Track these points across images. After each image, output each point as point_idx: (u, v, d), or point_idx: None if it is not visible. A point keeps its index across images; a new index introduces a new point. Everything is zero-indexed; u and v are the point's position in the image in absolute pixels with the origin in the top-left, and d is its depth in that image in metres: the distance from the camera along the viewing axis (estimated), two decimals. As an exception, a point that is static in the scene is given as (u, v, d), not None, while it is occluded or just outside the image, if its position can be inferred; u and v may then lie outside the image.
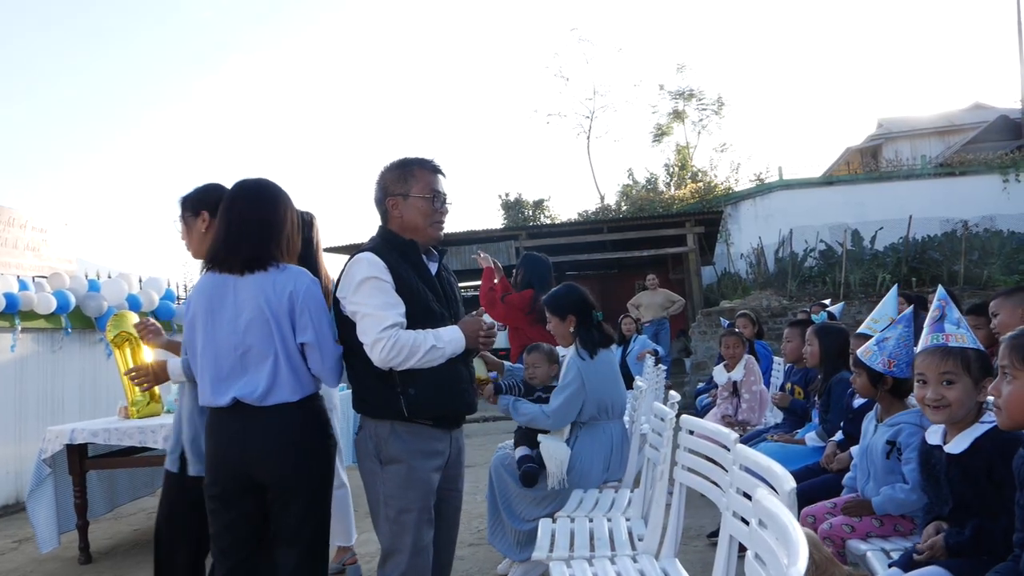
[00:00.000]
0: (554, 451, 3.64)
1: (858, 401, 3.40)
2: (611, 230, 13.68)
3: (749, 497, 1.81)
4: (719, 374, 5.74)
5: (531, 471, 3.69)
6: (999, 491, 1.93)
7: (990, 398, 2.15)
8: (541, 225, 18.13)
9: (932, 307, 2.35)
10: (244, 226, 2.38)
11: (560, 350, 4.11)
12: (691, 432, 2.54)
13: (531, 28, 49.97)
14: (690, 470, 2.49)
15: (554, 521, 3.18)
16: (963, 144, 21.90)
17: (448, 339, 2.40)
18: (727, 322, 8.02)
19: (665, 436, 2.73)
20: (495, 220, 22.49)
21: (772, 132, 45.48)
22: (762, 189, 16.60)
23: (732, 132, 48.15)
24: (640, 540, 2.85)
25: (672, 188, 21.19)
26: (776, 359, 6.52)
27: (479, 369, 3.72)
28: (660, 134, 23.92)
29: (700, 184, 20.00)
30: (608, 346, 3.84)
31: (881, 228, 12.05)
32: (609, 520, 3.13)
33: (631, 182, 21.84)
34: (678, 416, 2.85)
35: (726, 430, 2.20)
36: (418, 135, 50.59)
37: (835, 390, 3.75)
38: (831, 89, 51.11)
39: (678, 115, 23.86)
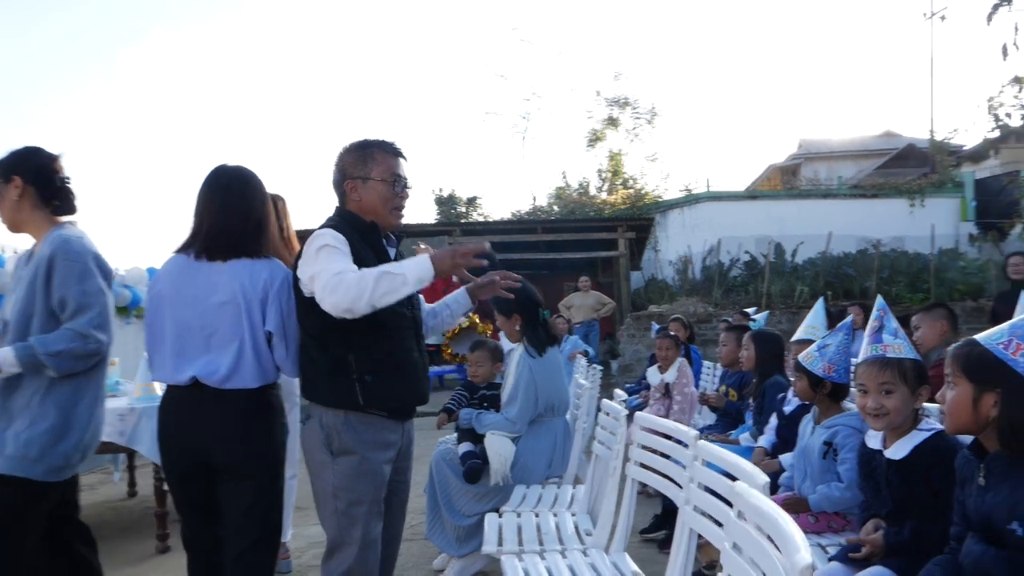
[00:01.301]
0: (499, 448, 3.65)
1: (789, 407, 3.56)
2: (545, 231, 13.81)
3: (713, 492, 1.88)
4: (652, 375, 5.88)
5: (475, 467, 3.69)
6: (936, 496, 2.05)
7: (926, 405, 2.29)
8: (476, 222, 18.11)
9: (872, 318, 2.47)
10: (231, 218, 2.39)
11: (506, 345, 4.13)
12: (645, 429, 2.60)
13: (472, 24, 49.89)
14: (643, 466, 2.55)
15: (500, 516, 3.19)
16: (875, 168, 23.09)
17: (409, 264, 2.17)
18: (657, 327, 8.23)
19: (618, 434, 2.78)
20: (427, 214, 22.34)
21: (701, 145, 46.77)
22: (690, 199, 17.07)
23: (663, 142, 49.29)
24: (588, 535, 2.90)
25: (604, 193, 21.53)
26: (706, 363, 6.72)
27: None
28: (594, 139, 24.23)
29: (631, 191, 20.39)
30: (554, 344, 3.88)
31: (802, 243, 12.60)
32: (555, 515, 3.17)
33: (565, 185, 22.08)
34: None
35: (684, 428, 2.25)
36: (350, 123, 49.71)
37: (769, 393, 3.90)
38: (757, 108, 52.98)
39: (612, 122, 24.24)
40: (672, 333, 6.06)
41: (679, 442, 2.26)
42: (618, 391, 3.67)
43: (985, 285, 10.79)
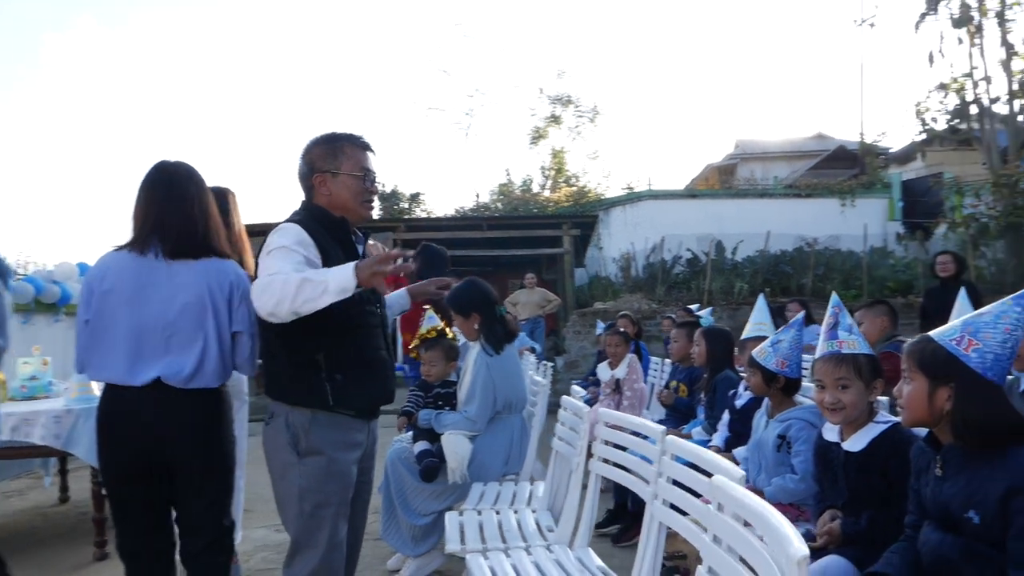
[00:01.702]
0: (456, 446, 3.63)
1: (740, 401, 3.64)
2: (491, 227, 13.79)
3: (682, 486, 1.91)
4: (603, 371, 5.95)
5: (432, 466, 3.66)
6: (892, 486, 2.13)
7: (881, 398, 2.38)
8: (421, 218, 17.98)
9: (827, 315, 2.55)
10: (191, 217, 2.39)
11: (460, 336, 4.10)
12: (610, 425, 2.62)
13: (415, 19, 49.44)
14: (606, 461, 2.57)
15: (460, 514, 3.17)
16: (807, 169, 23.87)
17: (333, 273, 2.07)
18: (603, 325, 8.33)
19: (581, 430, 2.79)
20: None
21: (641, 144, 47.63)
22: (632, 197, 17.31)
23: (605, 141, 49.87)
24: (550, 531, 2.91)
25: (547, 191, 21.66)
26: (653, 358, 6.83)
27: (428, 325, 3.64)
28: (537, 137, 24.37)
29: (574, 189, 20.57)
30: (511, 341, 3.88)
31: (742, 241, 12.92)
32: (516, 512, 3.17)
33: (508, 182, 22.13)
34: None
35: (651, 424, 2.28)
36: (290, 117, 48.69)
37: (720, 388, 3.99)
38: (696, 109, 54.27)
39: (555, 120, 24.43)
40: (622, 330, 6.15)
41: (645, 437, 2.28)
42: (576, 388, 3.69)
43: (914, 282, 11.28)
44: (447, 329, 3.99)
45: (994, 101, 11.15)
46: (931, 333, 1.88)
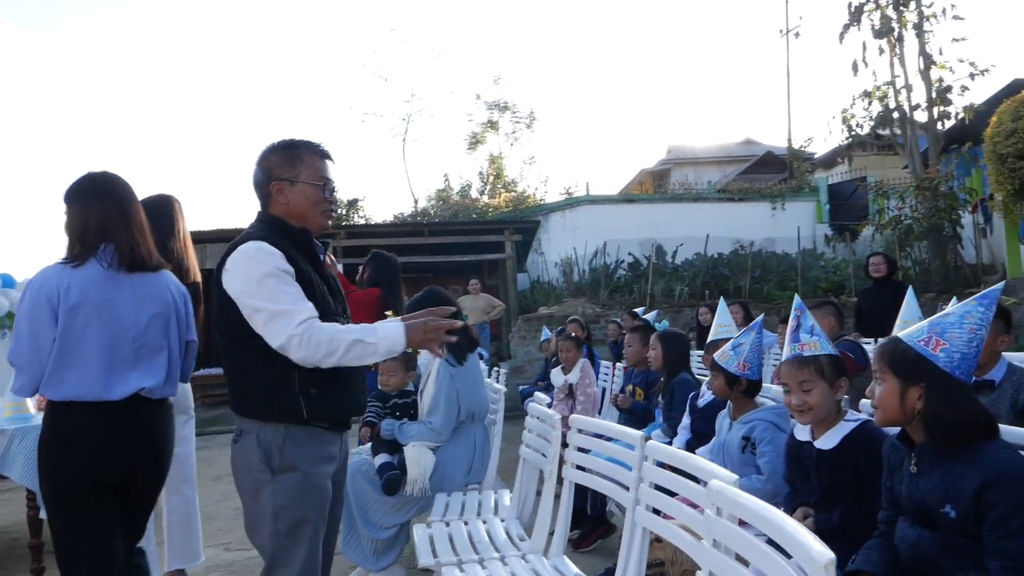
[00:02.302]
0: (420, 458, 3.58)
1: (702, 401, 3.71)
2: (432, 233, 13.71)
3: (664, 491, 1.92)
4: (556, 376, 5.97)
5: (394, 479, 3.60)
6: (863, 482, 2.20)
7: (847, 397, 2.45)
8: (361, 225, 17.71)
9: (791, 318, 2.62)
10: (141, 229, 2.43)
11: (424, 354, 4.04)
12: (584, 432, 2.62)
13: (351, 23, 48.81)
14: (581, 468, 2.58)
15: (428, 526, 3.13)
16: (737, 174, 24.59)
17: (383, 334, 2.13)
18: (547, 332, 8.39)
19: (553, 438, 2.78)
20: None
21: (578, 150, 48.25)
22: (571, 203, 17.49)
23: (542, 146, 50.32)
24: (522, 540, 2.90)
25: (486, 196, 21.67)
26: (603, 362, 6.89)
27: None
28: (475, 142, 24.37)
29: (513, 194, 20.64)
30: (474, 350, 3.86)
31: (682, 244, 13.21)
32: (485, 522, 3.14)
33: (447, 187, 22.03)
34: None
35: (630, 430, 2.29)
36: (224, 124, 47.36)
37: (677, 390, 4.06)
38: (630, 115, 55.34)
39: (492, 125, 24.48)
40: (573, 334, 6.19)
41: (626, 444, 2.29)
42: (539, 395, 3.69)
43: (845, 283, 11.73)
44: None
45: (915, 108, 11.72)
46: (900, 334, 1.95)
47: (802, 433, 2.40)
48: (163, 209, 3.55)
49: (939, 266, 10.98)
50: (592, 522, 4.28)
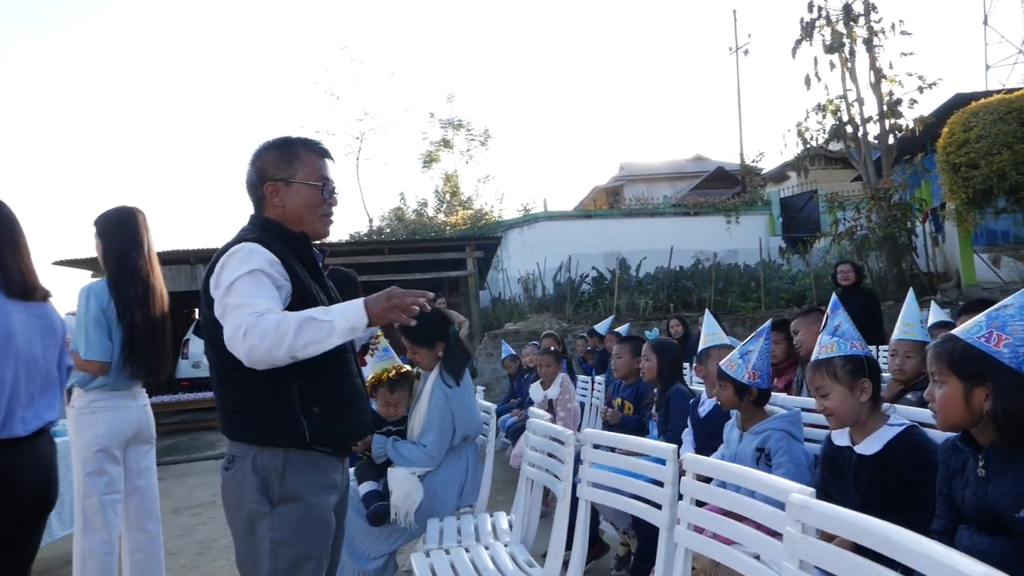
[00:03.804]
0: (406, 485, 3.34)
1: (703, 410, 3.57)
2: (392, 251, 13.44)
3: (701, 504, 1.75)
4: (535, 392, 5.81)
5: (381, 510, 3.36)
6: (908, 489, 2.07)
7: (887, 405, 2.32)
8: (319, 244, 17.28)
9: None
10: (27, 254, 2.41)
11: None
12: (601, 447, 2.45)
13: (301, 41, 48.30)
14: (600, 487, 2.40)
15: (427, 555, 2.90)
16: (690, 189, 24.95)
17: (339, 311, 1.88)
18: (509, 349, 8.21)
19: (566, 456, 2.59)
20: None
21: (532, 167, 48.54)
22: (529, 219, 17.43)
23: (496, 164, 50.50)
24: (531, 567, 2.70)
25: (443, 214, 21.46)
26: (581, 377, 6.74)
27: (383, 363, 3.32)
28: (429, 160, 24.14)
29: (471, 212, 20.49)
30: (467, 364, 3.65)
31: (645, 257, 13.22)
32: (487, 548, 2.93)
33: (403, 206, 21.75)
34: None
35: (660, 443, 2.13)
36: (176, 142, 46.19)
37: (673, 402, 3.91)
38: (583, 132, 55.97)
39: (447, 143, 24.31)
40: (552, 348, 6.04)
41: (657, 459, 2.13)
42: (536, 410, 3.51)
43: (806, 292, 11.87)
44: (407, 366, 3.66)
45: (867, 121, 12.00)
46: (955, 332, 1.83)
47: (840, 438, 2.27)
48: (126, 222, 3.28)
49: (895, 274, 11.20)
50: (589, 542, 4.09)
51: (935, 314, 4.35)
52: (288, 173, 2.10)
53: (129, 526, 3.36)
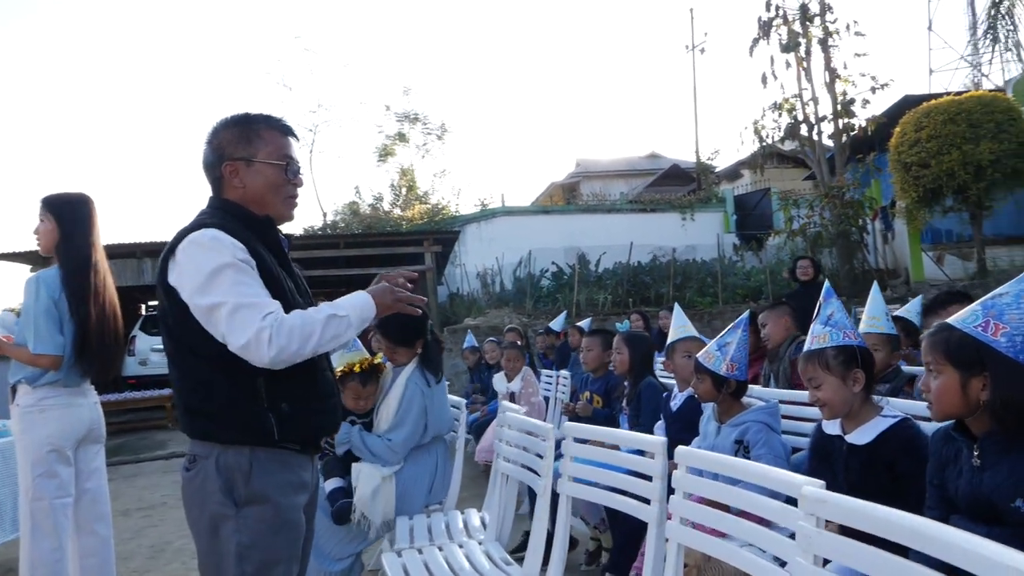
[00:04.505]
0: (369, 481, 3.22)
1: (676, 403, 3.53)
2: (347, 245, 13.17)
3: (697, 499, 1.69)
4: (499, 383, 5.74)
5: (345, 507, 3.24)
6: (897, 481, 2.05)
7: (878, 398, 2.29)
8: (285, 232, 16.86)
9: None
10: None
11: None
12: (585, 441, 2.37)
13: (253, 30, 47.20)
14: (582, 482, 2.32)
15: (399, 555, 2.79)
16: (645, 187, 25.15)
17: (350, 305, 1.87)
18: (473, 339, 8.14)
19: (547, 452, 2.50)
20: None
21: (489, 163, 48.37)
22: (487, 214, 17.32)
23: (453, 159, 50.00)
24: (508, 565, 2.61)
25: (399, 209, 21.17)
26: (544, 372, 6.67)
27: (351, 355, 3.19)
28: (385, 154, 23.77)
29: (428, 206, 20.27)
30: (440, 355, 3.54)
31: (604, 253, 13.24)
32: (461, 547, 2.84)
33: (358, 200, 21.39)
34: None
35: (649, 436, 2.06)
36: (120, 135, 44.69)
37: (644, 395, 3.87)
38: (539, 128, 56.04)
39: (403, 137, 23.98)
40: (518, 343, 5.98)
41: (640, 452, 2.06)
42: (508, 403, 3.42)
43: (762, 288, 12.04)
44: (376, 358, 3.53)
45: (821, 120, 12.22)
46: (951, 321, 1.80)
47: (831, 427, 2.24)
48: (80, 209, 3.09)
49: (847, 271, 11.44)
50: (551, 538, 4.02)
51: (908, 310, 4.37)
52: (248, 152, 1.97)
53: (79, 530, 3.17)
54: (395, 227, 17.64)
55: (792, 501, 1.55)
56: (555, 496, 3.16)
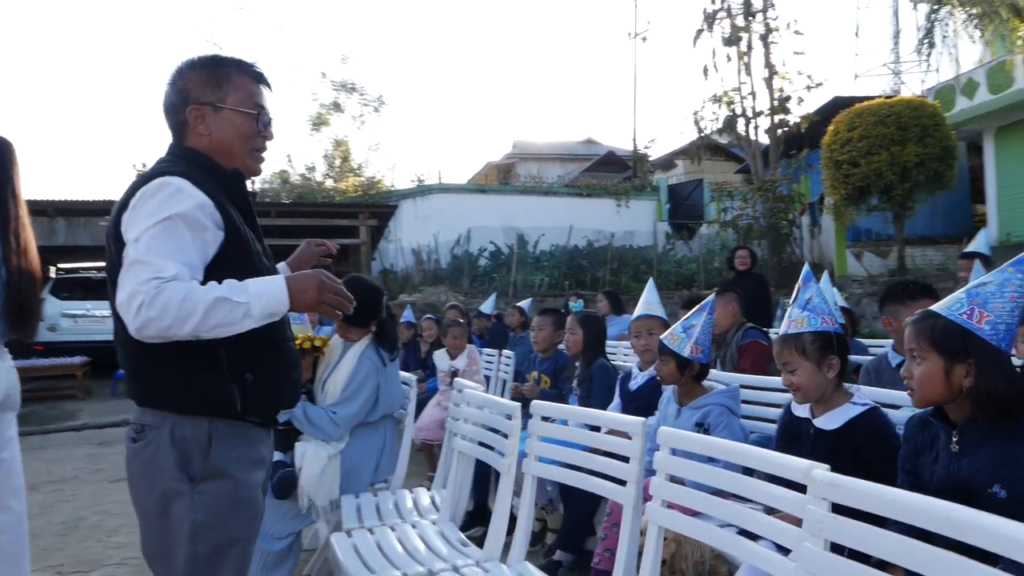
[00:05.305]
0: (315, 460, 3.08)
1: (636, 383, 3.51)
2: (279, 215, 12.73)
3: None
4: (440, 360, 5.62)
5: (288, 476, 3.09)
6: (862, 469, 2.05)
7: (849, 385, 2.29)
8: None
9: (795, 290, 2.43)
10: None
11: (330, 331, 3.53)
12: (546, 418, 2.30)
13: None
14: (556, 463, 2.26)
15: (349, 535, 2.67)
16: (580, 172, 25.33)
17: (256, 291, 1.62)
18: (411, 313, 7.98)
19: (513, 431, 2.42)
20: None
21: (426, 138, 47.74)
22: (423, 190, 17.06)
23: (389, 132, 48.99)
24: (465, 546, 2.53)
25: (332, 180, 20.61)
26: (486, 351, 6.60)
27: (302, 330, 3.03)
28: (319, 123, 23.07)
29: (362, 179, 19.81)
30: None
31: (543, 234, 13.23)
32: (415, 527, 2.73)
33: (290, 168, 20.70)
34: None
35: (625, 416, 2.01)
36: (37, 92, 41.78)
37: (597, 376, 3.84)
38: (478, 107, 55.63)
39: (338, 107, 23.31)
40: (461, 320, 5.87)
41: (620, 433, 2.00)
42: (463, 380, 3.32)
43: (695, 276, 12.28)
44: (319, 340, 3.36)
45: (758, 115, 12.50)
46: (935, 308, 1.81)
47: (799, 409, 2.24)
48: (1, 153, 2.78)
49: (776, 263, 11.79)
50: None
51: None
52: (216, 96, 1.79)
53: (-11, 507, 2.90)
54: (328, 198, 17.16)
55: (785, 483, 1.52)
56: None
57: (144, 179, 1.69)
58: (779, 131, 12.23)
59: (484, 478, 3.97)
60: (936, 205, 11.97)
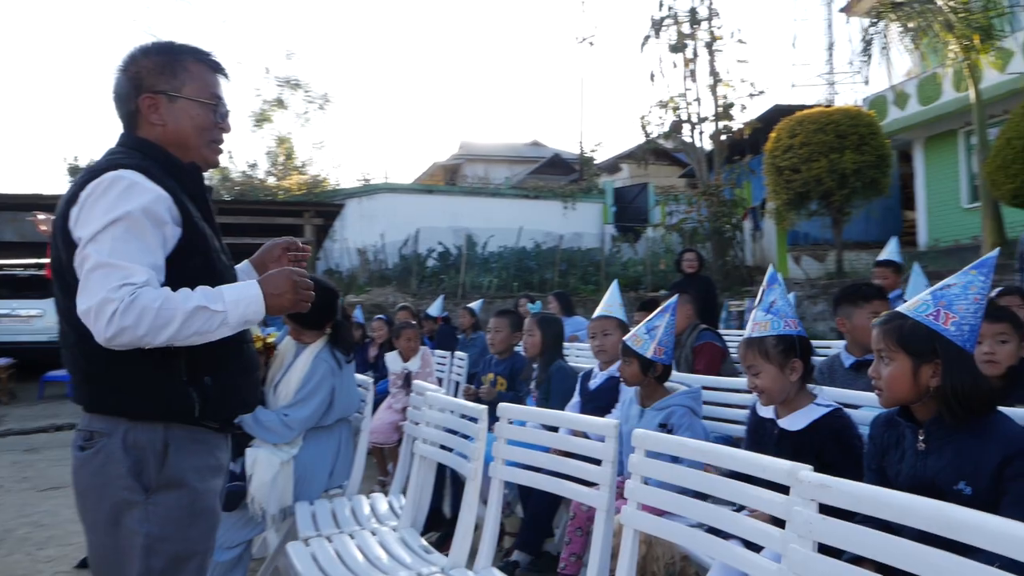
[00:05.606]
0: (266, 467, 2.97)
1: (595, 383, 3.50)
2: (223, 212, 12.33)
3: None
4: (393, 362, 5.53)
5: (237, 491, 2.97)
6: (823, 469, 2.08)
7: (812, 387, 2.31)
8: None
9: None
10: None
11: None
12: (513, 422, 2.26)
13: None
14: (525, 467, 2.22)
15: (306, 543, 2.57)
16: (527, 174, 25.40)
17: (233, 299, 1.57)
18: (360, 314, 7.85)
19: (479, 434, 2.36)
20: (60, 187, 18.56)
21: (371, 138, 47.14)
22: (369, 190, 16.85)
23: (334, 131, 48.10)
24: (428, 553, 2.47)
25: (275, 177, 20.16)
26: (437, 352, 6.52)
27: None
28: (261, 119, 22.55)
29: (306, 177, 19.44)
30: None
31: (492, 236, 13.19)
32: (374, 534, 2.66)
33: (231, 164, 20.15)
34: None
35: (598, 419, 1.98)
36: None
37: (555, 378, 3.82)
38: (424, 108, 55.22)
39: (282, 103, 22.84)
40: (413, 322, 5.78)
41: (584, 435, 1.97)
42: (423, 383, 3.25)
43: (641, 278, 12.42)
44: (270, 338, 3.25)
45: (703, 120, 12.74)
46: (902, 309, 1.84)
47: (765, 410, 2.26)
48: None
49: (720, 266, 12.03)
50: (451, 522, 3.91)
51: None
52: (172, 85, 1.71)
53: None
54: (271, 196, 16.76)
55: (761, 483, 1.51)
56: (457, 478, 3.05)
57: (94, 172, 1.59)
58: (723, 137, 12.49)
59: (439, 482, 3.91)
60: (871, 211, 12.41)
